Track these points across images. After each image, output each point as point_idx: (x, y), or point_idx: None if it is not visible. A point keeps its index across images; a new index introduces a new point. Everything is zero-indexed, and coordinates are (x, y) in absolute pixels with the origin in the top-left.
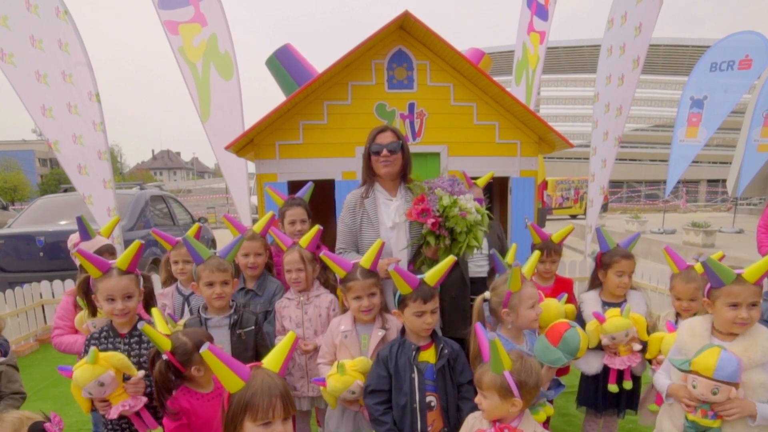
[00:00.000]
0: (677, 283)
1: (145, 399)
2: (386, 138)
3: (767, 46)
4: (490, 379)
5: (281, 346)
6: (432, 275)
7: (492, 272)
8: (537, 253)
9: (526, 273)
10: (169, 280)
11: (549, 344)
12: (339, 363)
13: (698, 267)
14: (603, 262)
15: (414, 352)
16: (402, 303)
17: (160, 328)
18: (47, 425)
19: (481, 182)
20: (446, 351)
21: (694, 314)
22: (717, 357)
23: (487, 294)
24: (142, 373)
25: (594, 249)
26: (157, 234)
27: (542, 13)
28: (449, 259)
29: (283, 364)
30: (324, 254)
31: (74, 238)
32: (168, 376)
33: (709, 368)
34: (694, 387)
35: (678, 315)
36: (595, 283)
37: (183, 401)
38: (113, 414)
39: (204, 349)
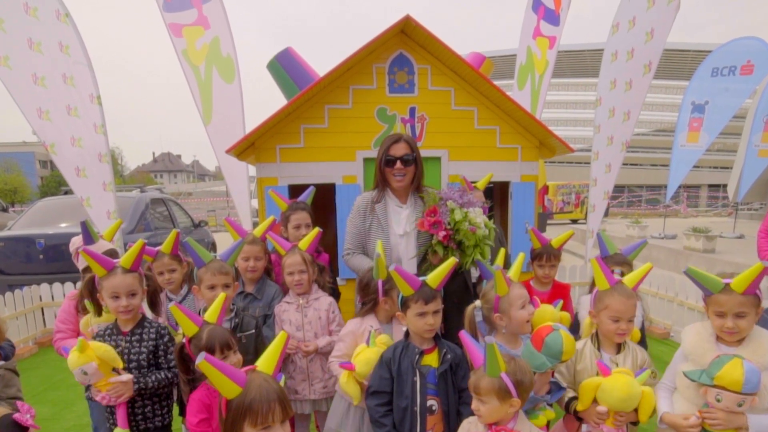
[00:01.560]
0: (614, 301)
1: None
2: (400, 150)
3: None
4: (487, 383)
5: (273, 347)
6: (434, 277)
7: (479, 280)
8: (521, 255)
9: (512, 276)
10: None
11: (533, 349)
12: (372, 334)
13: (628, 281)
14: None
15: (417, 356)
16: (404, 305)
17: (208, 316)
18: (17, 416)
19: (481, 185)
20: (449, 356)
21: (619, 344)
22: (742, 370)
23: (477, 302)
24: (128, 376)
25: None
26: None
27: (552, 18)
28: (450, 261)
29: (277, 365)
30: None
31: (76, 241)
32: (183, 358)
33: (737, 383)
34: (718, 401)
35: (597, 338)
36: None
37: (204, 397)
38: (103, 400)
39: (200, 360)
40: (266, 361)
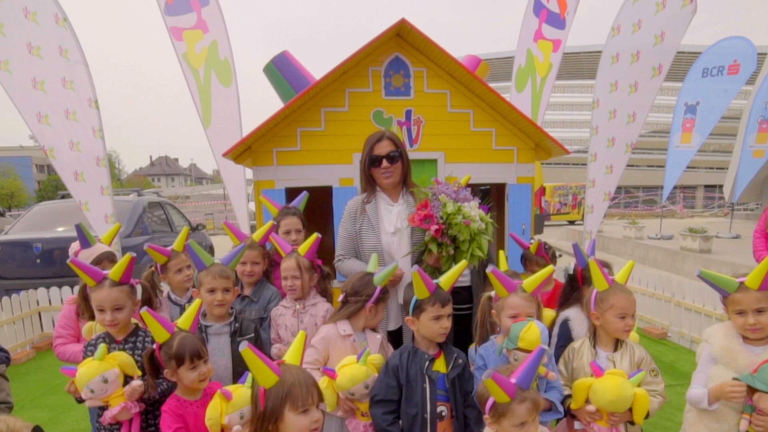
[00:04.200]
0: (618, 299)
1: (141, 405)
2: (384, 148)
3: (754, 51)
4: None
5: (297, 343)
6: (446, 280)
7: (482, 281)
8: (550, 268)
9: (526, 286)
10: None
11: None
12: (366, 351)
13: (619, 278)
14: (585, 277)
15: (428, 363)
16: (418, 308)
17: (181, 322)
18: None
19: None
20: (460, 360)
21: (616, 342)
22: None
23: (492, 292)
24: (138, 382)
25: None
26: (152, 248)
27: (557, 22)
28: (462, 264)
29: (302, 358)
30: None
31: (75, 246)
32: (152, 364)
33: None
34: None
35: (595, 337)
36: (570, 299)
37: (175, 407)
38: (114, 413)
39: (243, 348)
40: (292, 355)
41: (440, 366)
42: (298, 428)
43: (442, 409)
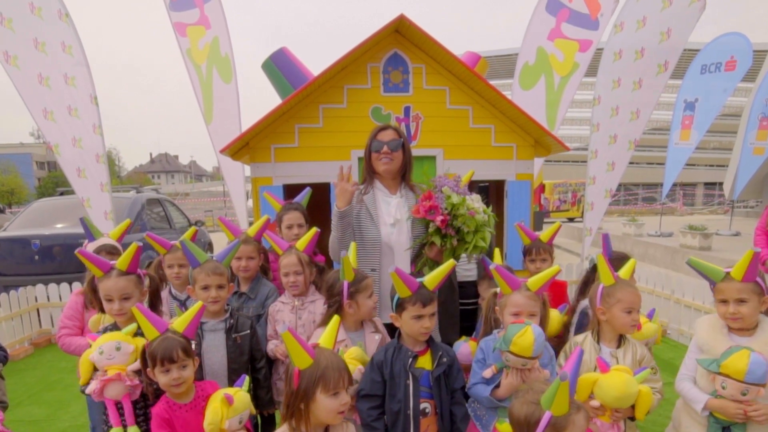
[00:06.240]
0: (626, 293)
1: (136, 391)
2: (387, 136)
3: (750, 47)
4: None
5: (330, 328)
6: (432, 279)
7: (485, 276)
8: (556, 267)
9: (530, 285)
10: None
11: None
12: (339, 351)
13: (623, 275)
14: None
15: (411, 359)
16: (400, 306)
17: (177, 324)
18: None
19: (462, 183)
20: (445, 359)
21: (619, 338)
22: (747, 361)
23: (498, 288)
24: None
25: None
26: (152, 238)
27: (586, 22)
28: (450, 263)
29: (335, 343)
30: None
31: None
32: (144, 360)
33: (740, 372)
34: (723, 388)
35: (598, 334)
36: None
37: (163, 411)
38: (108, 378)
39: (283, 331)
40: (327, 340)
41: (426, 363)
42: (328, 409)
43: (425, 406)
